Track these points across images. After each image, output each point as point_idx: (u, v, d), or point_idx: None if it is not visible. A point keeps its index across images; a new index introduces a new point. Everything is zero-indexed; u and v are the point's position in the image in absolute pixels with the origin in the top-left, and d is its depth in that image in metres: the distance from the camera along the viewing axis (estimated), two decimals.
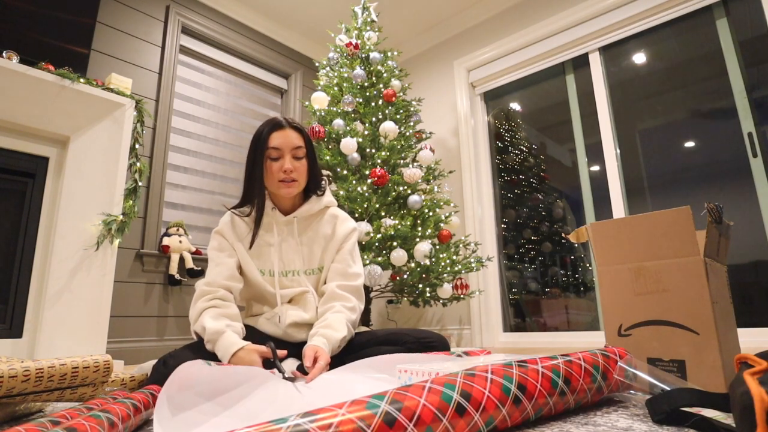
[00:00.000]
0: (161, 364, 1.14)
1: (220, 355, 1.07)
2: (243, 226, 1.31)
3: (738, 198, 2.37)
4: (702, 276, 1.01)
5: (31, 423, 0.60)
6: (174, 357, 1.14)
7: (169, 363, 1.12)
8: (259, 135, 1.26)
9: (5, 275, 2.19)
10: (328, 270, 1.32)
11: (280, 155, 1.25)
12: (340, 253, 1.33)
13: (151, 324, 2.66)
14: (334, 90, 2.76)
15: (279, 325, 1.26)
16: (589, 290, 2.86)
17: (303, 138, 1.29)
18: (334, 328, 1.16)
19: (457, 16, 3.58)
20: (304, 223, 1.33)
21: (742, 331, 1.18)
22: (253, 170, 1.28)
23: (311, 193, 1.35)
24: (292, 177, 1.24)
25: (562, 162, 3.17)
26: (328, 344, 1.11)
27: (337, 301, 1.25)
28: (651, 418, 0.73)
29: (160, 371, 1.12)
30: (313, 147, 1.33)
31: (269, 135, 1.25)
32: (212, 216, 3.12)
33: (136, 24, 2.86)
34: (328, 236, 1.34)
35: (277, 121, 1.28)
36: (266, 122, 1.29)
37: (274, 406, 0.74)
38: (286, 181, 1.25)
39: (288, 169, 1.23)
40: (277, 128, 1.26)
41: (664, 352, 1.03)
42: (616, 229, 1.16)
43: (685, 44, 2.71)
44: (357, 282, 1.30)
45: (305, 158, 1.29)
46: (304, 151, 1.28)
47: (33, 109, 2.21)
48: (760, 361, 0.58)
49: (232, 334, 1.10)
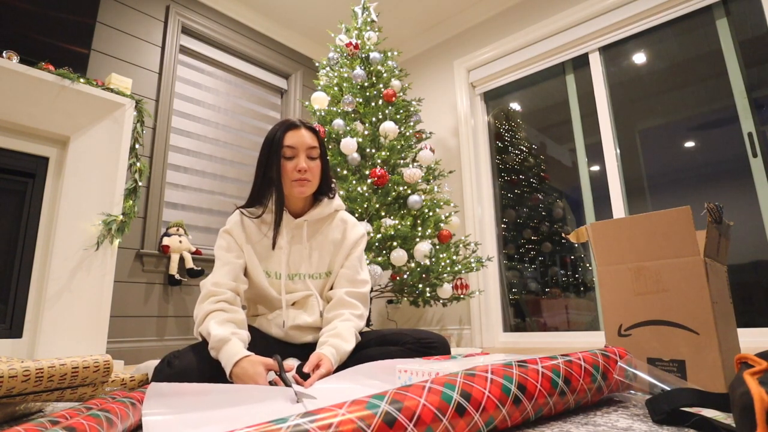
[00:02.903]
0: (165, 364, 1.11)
1: (223, 362, 1.05)
2: (252, 227, 1.29)
3: (738, 198, 2.37)
4: (702, 276, 1.01)
5: (31, 423, 0.60)
6: (179, 357, 1.12)
7: (173, 363, 1.10)
8: (274, 135, 1.26)
9: (5, 275, 2.19)
10: (336, 275, 1.32)
11: (294, 154, 1.24)
12: (350, 259, 1.33)
13: (151, 324, 2.66)
14: (334, 90, 2.76)
15: (282, 327, 1.26)
16: (589, 290, 2.86)
17: (317, 138, 1.29)
18: (344, 339, 1.16)
19: (457, 16, 3.58)
20: (314, 227, 1.32)
21: (742, 331, 1.18)
22: (267, 170, 1.26)
23: (322, 196, 1.34)
24: (306, 177, 1.24)
25: (562, 162, 3.17)
26: (337, 355, 1.11)
27: (346, 308, 1.25)
28: (651, 418, 0.73)
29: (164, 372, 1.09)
30: (326, 149, 1.31)
31: (284, 134, 1.25)
32: (212, 216, 3.12)
33: (136, 24, 2.86)
34: (338, 241, 1.33)
35: (292, 121, 1.28)
36: (280, 123, 1.28)
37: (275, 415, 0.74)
38: (300, 181, 1.24)
39: (303, 168, 1.23)
40: (291, 128, 1.26)
41: (664, 352, 1.03)
42: (616, 229, 1.16)
43: (685, 44, 2.71)
44: (364, 289, 1.31)
45: (319, 159, 1.28)
46: (318, 152, 1.28)
47: (33, 109, 2.21)
48: (760, 361, 0.58)
49: (237, 342, 1.07)
